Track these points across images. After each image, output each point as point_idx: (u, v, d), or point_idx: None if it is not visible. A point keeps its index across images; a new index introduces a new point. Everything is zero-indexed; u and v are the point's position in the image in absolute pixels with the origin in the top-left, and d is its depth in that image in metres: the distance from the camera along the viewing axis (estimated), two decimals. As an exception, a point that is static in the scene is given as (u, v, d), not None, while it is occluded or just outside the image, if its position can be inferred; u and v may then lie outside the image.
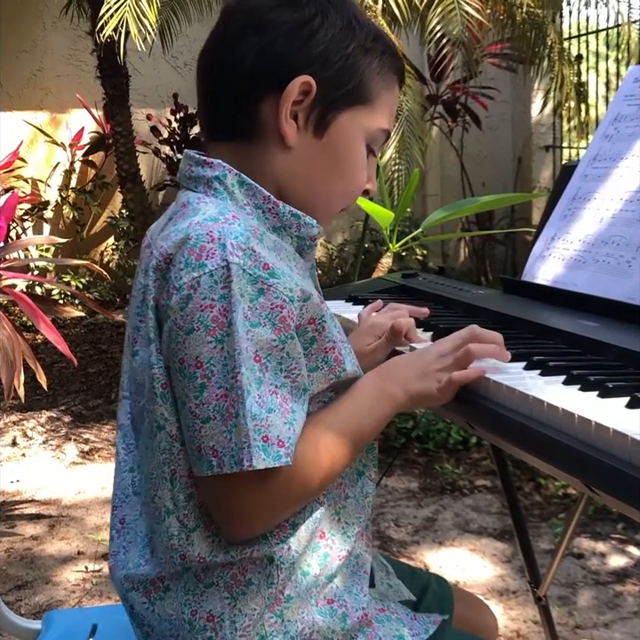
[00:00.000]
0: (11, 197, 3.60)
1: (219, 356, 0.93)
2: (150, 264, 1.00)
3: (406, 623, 1.12)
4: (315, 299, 1.02)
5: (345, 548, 1.07)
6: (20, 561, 2.82)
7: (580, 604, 2.51)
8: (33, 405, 4.21)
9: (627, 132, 1.46)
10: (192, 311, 0.94)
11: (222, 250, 0.94)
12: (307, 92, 1.04)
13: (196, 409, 0.94)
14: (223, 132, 1.08)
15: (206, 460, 0.94)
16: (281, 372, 0.96)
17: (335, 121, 1.06)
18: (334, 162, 1.08)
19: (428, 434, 3.66)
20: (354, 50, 1.06)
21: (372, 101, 1.08)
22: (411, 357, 1.12)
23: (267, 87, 1.04)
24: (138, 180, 4.87)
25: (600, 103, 5.60)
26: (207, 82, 1.09)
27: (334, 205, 1.12)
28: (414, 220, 5.55)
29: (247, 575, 1.02)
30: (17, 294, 3.07)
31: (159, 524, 1.02)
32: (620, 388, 0.97)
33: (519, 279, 1.53)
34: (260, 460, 0.92)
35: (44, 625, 1.42)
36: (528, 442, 0.97)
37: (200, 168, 1.05)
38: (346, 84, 1.05)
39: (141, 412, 1.04)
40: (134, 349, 1.04)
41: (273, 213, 1.04)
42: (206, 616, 1.02)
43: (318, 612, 1.04)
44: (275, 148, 1.05)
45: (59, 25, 5.68)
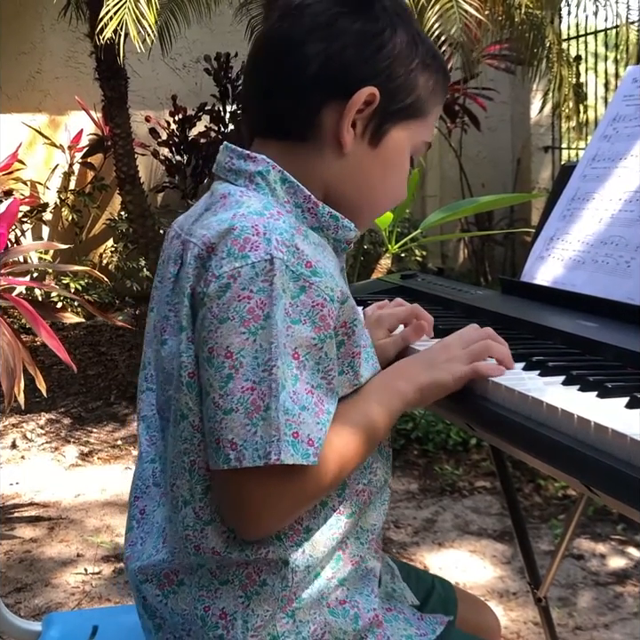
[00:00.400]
0: (12, 204, 3.60)
1: (250, 348, 0.92)
2: (189, 253, 0.99)
3: (413, 623, 1.12)
4: (351, 301, 1.02)
5: (358, 554, 1.08)
6: (20, 563, 2.82)
7: (580, 605, 2.50)
8: (32, 408, 4.21)
9: (625, 133, 1.46)
10: (229, 300, 0.93)
11: (267, 244, 0.94)
12: (369, 103, 1.05)
13: (219, 399, 0.92)
14: (276, 130, 1.08)
15: (223, 454, 0.92)
16: (318, 372, 0.96)
17: (390, 132, 1.08)
18: (383, 170, 1.10)
19: (428, 435, 3.65)
20: (416, 65, 1.08)
21: (424, 116, 1.11)
22: (417, 355, 1.13)
23: (331, 93, 1.05)
24: (137, 182, 4.86)
25: (599, 104, 5.60)
26: (265, 80, 1.08)
27: (375, 211, 1.15)
28: (413, 221, 5.55)
29: (262, 576, 1.02)
30: (16, 300, 3.07)
31: (176, 513, 1.02)
32: (620, 388, 0.97)
33: (518, 280, 1.53)
34: (288, 455, 0.91)
35: (44, 626, 1.42)
36: (527, 442, 0.97)
37: (242, 161, 1.06)
38: (405, 98, 1.08)
39: (169, 401, 1.03)
40: (163, 338, 1.04)
41: (312, 213, 1.05)
42: (219, 613, 1.02)
43: (330, 612, 1.04)
44: (329, 153, 1.07)
45: (57, 27, 5.67)
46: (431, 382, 1.07)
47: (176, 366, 1.00)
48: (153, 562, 1.05)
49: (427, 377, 1.07)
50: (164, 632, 1.06)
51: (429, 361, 1.09)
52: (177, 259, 1.04)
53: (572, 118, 4.84)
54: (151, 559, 1.06)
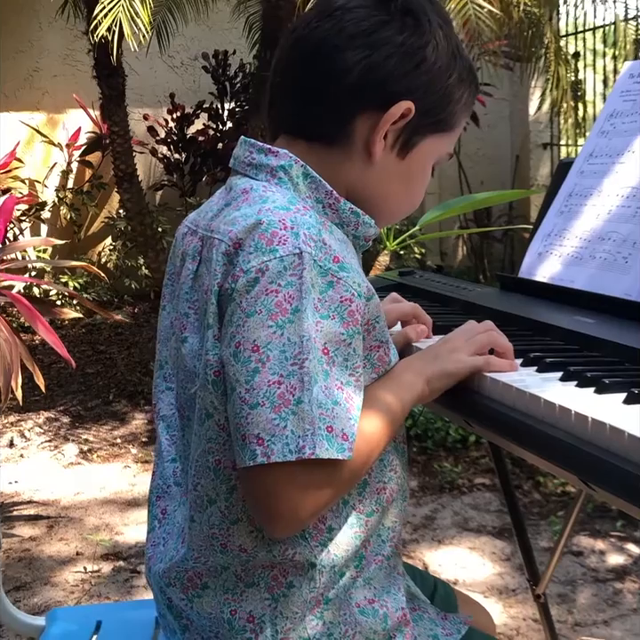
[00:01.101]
0: (8, 199, 3.59)
1: (277, 342, 0.91)
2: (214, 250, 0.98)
3: (438, 623, 1.12)
4: (376, 299, 1.02)
5: (380, 552, 1.07)
6: (19, 562, 2.82)
7: (580, 601, 2.50)
8: (31, 406, 4.21)
9: (623, 128, 1.46)
10: (257, 294, 0.92)
11: (295, 238, 0.94)
12: (404, 116, 1.05)
13: (245, 394, 0.91)
14: (306, 131, 1.07)
15: (249, 450, 0.90)
16: (347, 368, 0.95)
17: (419, 145, 1.08)
18: (408, 181, 1.11)
19: (427, 432, 3.66)
20: (453, 80, 1.07)
21: (452, 129, 1.12)
22: (422, 350, 1.13)
23: (367, 104, 1.04)
24: (135, 180, 4.86)
25: (598, 100, 5.59)
26: (301, 80, 1.07)
27: (395, 217, 1.16)
28: (412, 219, 5.53)
29: (288, 577, 1.01)
30: (15, 296, 3.06)
31: (201, 512, 1.01)
32: (617, 384, 0.97)
33: (516, 276, 1.53)
34: (323, 449, 0.89)
35: (47, 621, 1.42)
36: (525, 438, 0.97)
37: (263, 156, 1.05)
38: (439, 114, 1.08)
39: (191, 400, 1.02)
40: (183, 336, 1.03)
41: (333, 209, 1.04)
42: (246, 617, 1.01)
43: (360, 612, 1.04)
44: (357, 160, 1.06)
45: (55, 25, 5.67)
46: (437, 372, 1.07)
47: (201, 364, 0.99)
48: (175, 563, 1.04)
49: (433, 368, 1.07)
50: (192, 633, 1.05)
51: (434, 354, 1.09)
52: (195, 255, 1.03)
53: (570, 116, 4.84)
54: (173, 561, 1.05)
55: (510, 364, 1.08)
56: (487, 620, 1.39)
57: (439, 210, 2.84)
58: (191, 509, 1.02)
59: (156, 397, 1.12)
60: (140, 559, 2.81)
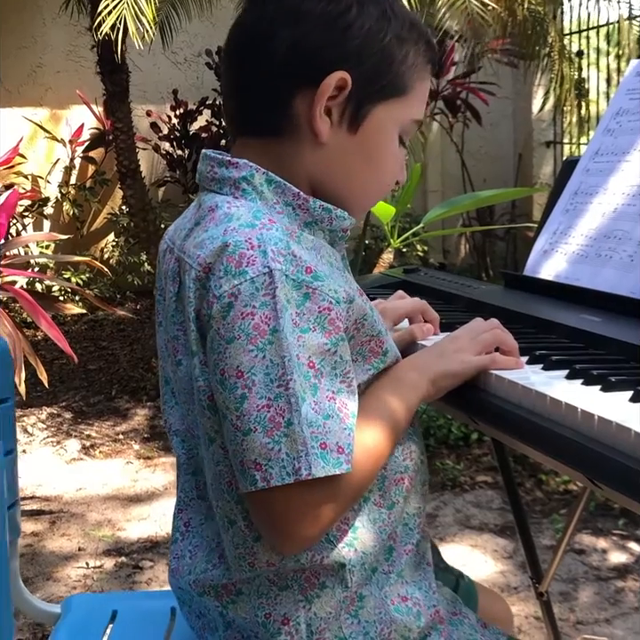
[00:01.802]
0: (11, 195, 3.60)
1: (260, 365, 0.90)
2: (186, 276, 0.97)
3: (478, 630, 1.11)
4: (358, 299, 1.00)
5: (409, 541, 1.07)
6: (21, 557, 2.82)
7: (582, 599, 2.50)
8: (33, 402, 4.21)
9: (629, 127, 1.46)
10: (233, 319, 0.91)
11: (263, 257, 0.92)
12: (342, 88, 1.01)
13: (237, 421, 0.90)
14: (253, 128, 1.05)
15: (249, 475, 0.90)
16: (336, 377, 0.94)
17: (369, 115, 1.03)
18: (368, 156, 1.06)
19: (429, 430, 3.65)
20: (390, 41, 1.02)
21: (406, 93, 1.05)
22: (427, 348, 1.12)
23: (300, 82, 1.00)
24: (138, 177, 4.86)
25: (601, 99, 5.59)
26: (236, 76, 1.05)
27: (369, 198, 1.11)
28: (415, 217, 5.54)
29: (321, 578, 1.01)
30: (17, 291, 3.07)
31: (225, 533, 1.01)
32: (623, 382, 0.97)
33: (521, 274, 1.53)
34: (319, 467, 0.89)
35: (63, 609, 1.42)
36: (531, 436, 0.97)
37: (224, 169, 1.02)
38: (381, 78, 1.03)
39: (196, 420, 1.02)
40: (177, 359, 1.02)
41: (303, 209, 1.02)
42: (281, 619, 1.01)
43: (395, 609, 1.03)
44: (307, 145, 1.03)
45: (59, 21, 5.66)
46: (443, 372, 1.06)
47: (195, 390, 0.98)
48: (210, 576, 1.04)
49: (438, 368, 1.07)
50: (233, 631, 1.05)
51: (439, 352, 1.09)
52: (175, 277, 1.02)
53: (574, 114, 4.83)
54: (207, 573, 1.04)
55: (516, 362, 1.08)
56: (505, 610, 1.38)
57: (443, 207, 2.84)
58: (221, 530, 1.03)
59: (167, 413, 1.10)
60: (142, 555, 2.81)
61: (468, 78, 5.53)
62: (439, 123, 5.98)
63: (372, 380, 1.04)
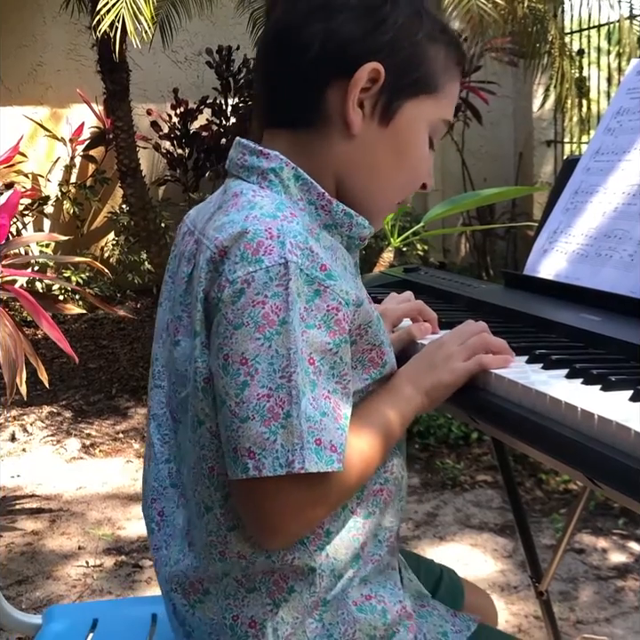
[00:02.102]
0: (13, 195, 3.59)
1: (265, 354, 0.90)
2: (201, 256, 0.97)
3: (448, 619, 1.11)
4: (366, 304, 1.00)
5: (377, 552, 1.07)
6: (21, 556, 2.82)
7: (582, 599, 2.50)
8: (33, 400, 4.21)
9: (629, 126, 1.46)
10: (243, 306, 0.91)
11: (281, 247, 0.92)
12: (375, 80, 1.02)
13: (235, 407, 0.90)
14: (284, 119, 1.05)
15: (241, 463, 0.90)
16: (333, 377, 0.94)
17: (401, 110, 1.04)
18: (397, 151, 1.06)
19: (429, 429, 3.66)
20: (422, 38, 1.04)
21: (437, 92, 1.06)
22: (416, 357, 1.12)
23: (333, 73, 1.01)
24: (138, 175, 4.86)
25: (602, 98, 5.58)
26: (270, 67, 1.06)
27: (393, 196, 1.11)
28: (415, 216, 5.54)
29: (289, 582, 1.00)
30: (18, 291, 3.07)
31: (199, 519, 1.01)
32: (623, 381, 0.97)
33: (521, 273, 1.53)
34: (312, 463, 0.89)
35: (44, 620, 1.42)
36: (531, 435, 0.96)
37: (255, 158, 1.03)
38: (413, 73, 1.04)
39: (183, 404, 1.02)
40: (176, 339, 1.02)
41: (326, 211, 1.02)
42: (248, 622, 1.01)
43: (358, 609, 1.03)
44: (338, 137, 1.03)
45: (59, 19, 5.66)
46: (435, 384, 1.07)
47: (191, 371, 0.98)
48: (181, 567, 1.04)
49: (430, 380, 1.07)
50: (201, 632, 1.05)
51: (430, 363, 1.08)
52: (190, 258, 1.02)
53: (575, 113, 4.83)
54: (179, 564, 1.04)
55: (504, 359, 1.07)
56: (490, 607, 1.39)
57: (444, 206, 2.84)
58: (193, 515, 1.02)
59: (148, 395, 1.11)
60: (141, 554, 2.81)
61: (468, 77, 5.52)
62: (439, 122, 5.96)
63: (367, 389, 1.04)
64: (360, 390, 1.03)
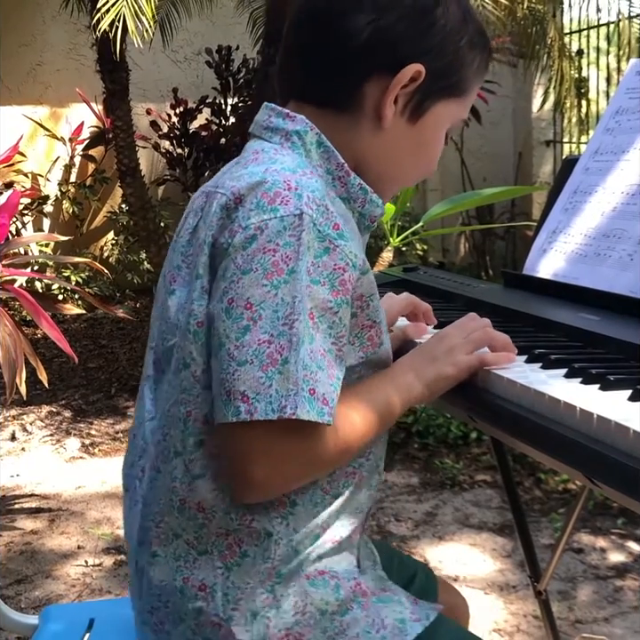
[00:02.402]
0: (13, 195, 3.59)
1: (271, 301, 0.91)
2: (214, 202, 0.98)
3: (408, 606, 1.09)
4: (371, 275, 1.01)
5: (339, 534, 1.06)
6: (20, 555, 2.82)
7: (581, 598, 2.51)
8: (33, 400, 4.21)
9: (628, 126, 1.46)
10: (254, 252, 0.92)
11: (298, 199, 0.93)
12: (414, 79, 1.04)
13: (234, 350, 0.91)
14: (315, 96, 1.06)
15: (233, 406, 0.90)
16: (330, 336, 0.94)
17: (431, 109, 1.07)
18: (419, 148, 1.10)
19: (429, 429, 3.66)
20: (464, 44, 1.06)
21: (465, 94, 1.09)
22: (419, 348, 1.12)
23: (377, 67, 1.03)
24: (138, 175, 4.86)
25: (601, 98, 5.59)
26: (311, 43, 1.06)
27: (404, 184, 1.15)
28: (414, 215, 5.55)
29: (243, 547, 1.00)
30: (17, 291, 3.07)
31: (166, 463, 1.00)
32: (622, 381, 0.97)
33: (520, 273, 1.53)
34: (304, 410, 0.89)
35: (41, 620, 1.42)
36: (529, 434, 0.97)
37: (281, 120, 1.04)
38: (450, 77, 1.07)
39: (169, 352, 1.02)
40: (172, 288, 1.03)
41: (342, 182, 1.04)
42: (198, 585, 1.00)
43: (310, 583, 1.02)
44: (367, 126, 1.05)
45: (58, 19, 5.67)
46: (436, 376, 1.07)
47: (184, 315, 0.99)
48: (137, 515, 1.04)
49: (432, 371, 1.07)
50: (143, 602, 1.05)
51: (432, 354, 1.09)
52: (198, 211, 1.03)
53: (574, 113, 4.83)
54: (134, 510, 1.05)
55: (507, 358, 1.08)
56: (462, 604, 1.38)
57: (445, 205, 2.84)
58: (157, 460, 1.02)
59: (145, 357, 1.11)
60: (141, 553, 2.81)
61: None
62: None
63: (360, 367, 1.04)
64: (353, 367, 1.03)
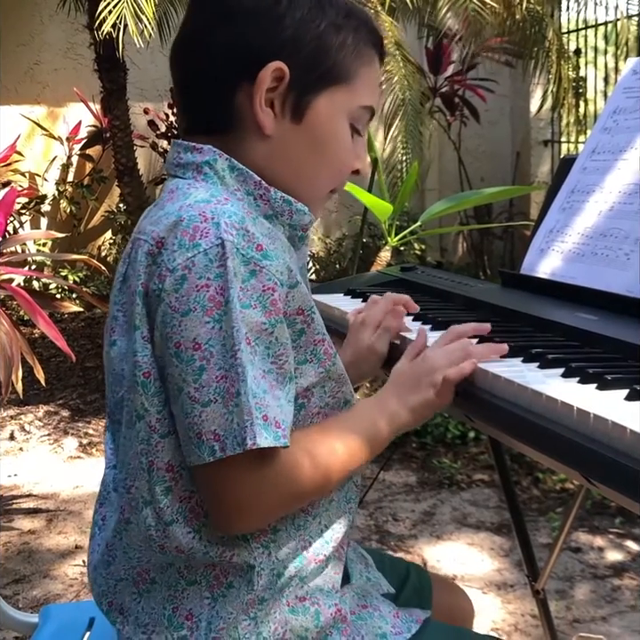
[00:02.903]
0: (9, 192, 3.59)
1: (217, 336, 0.91)
2: (139, 250, 0.97)
3: (389, 621, 1.10)
4: (302, 287, 1.00)
5: (322, 553, 1.06)
6: (18, 555, 2.82)
7: (578, 597, 2.51)
8: (30, 399, 4.21)
9: (625, 125, 1.46)
10: (188, 292, 0.92)
11: (216, 228, 0.93)
12: (280, 78, 1.02)
13: (195, 393, 0.91)
14: (199, 125, 1.06)
15: (208, 446, 0.91)
16: (268, 356, 0.94)
17: (312, 104, 1.04)
18: (315, 145, 1.06)
19: (426, 428, 3.66)
20: (325, 29, 1.03)
21: (349, 80, 1.05)
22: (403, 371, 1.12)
23: (240, 77, 1.02)
24: (135, 174, 4.85)
25: (599, 97, 5.59)
26: (181, 76, 1.07)
27: (320, 189, 1.10)
28: (412, 215, 5.54)
29: (229, 578, 1.01)
30: (15, 289, 3.06)
31: (137, 514, 1.00)
32: (619, 380, 0.97)
33: (518, 272, 1.53)
34: (262, 438, 0.90)
35: (41, 619, 1.42)
36: (527, 434, 0.97)
37: (189, 154, 1.04)
38: (320, 66, 1.03)
39: (119, 403, 1.02)
40: (112, 339, 1.02)
41: (264, 200, 1.02)
42: (185, 614, 1.01)
43: (290, 611, 1.02)
44: (254, 138, 1.04)
45: (56, 18, 5.66)
46: (421, 402, 1.08)
47: (129, 367, 0.98)
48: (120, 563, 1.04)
49: (415, 398, 1.08)
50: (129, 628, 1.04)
51: (414, 379, 1.09)
52: (125, 257, 1.02)
53: (572, 113, 4.83)
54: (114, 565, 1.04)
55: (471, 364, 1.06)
56: (465, 602, 1.38)
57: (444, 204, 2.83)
58: (126, 512, 1.02)
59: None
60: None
61: (466, 74, 5.53)
62: (437, 121, 5.97)
63: (322, 383, 1.05)
64: (315, 383, 1.04)
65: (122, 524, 1.03)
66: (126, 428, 1.00)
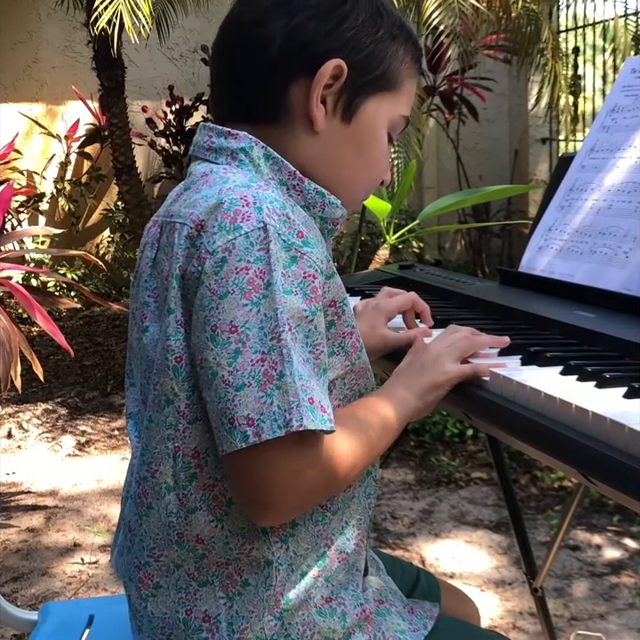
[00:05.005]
0: (6, 189, 3.59)
1: (255, 320, 0.89)
2: (175, 233, 0.96)
3: (405, 617, 1.10)
4: (338, 279, 1.00)
5: (344, 550, 1.05)
6: (17, 553, 2.82)
7: (576, 595, 2.51)
8: (29, 397, 4.21)
9: (624, 123, 1.46)
10: (227, 274, 0.90)
11: (258, 212, 0.92)
12: (337, 77, 1.02)
13: (229, 377, 0.89)
14: (247, 114, 1.05)
15: (240, 432, 0.88)
16: (307, 345, 0.93)
17: (363, 106, 1.05)
18: (359, 148, 1.07)
19: (425, 426, 3.66)
20: (382, 35, 1.05)
21: (396, 88, 1.07)
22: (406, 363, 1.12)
23: (297, 70, 1.02)
24: (133, 172, 4.86)
25: (597, 96, 5.59)
26: (232, 64, 1.05)
27: (357, 193, 1.11)
28: (410, 213, 5.55)
29: (244, 575, 0.99)
30: (13, 286, 3.06)
31: (159, 499, 0.99)
32: (618, 378, 0.97)
33: (516, 270, 1.53)
34: (309, 420, 0.88)
35: (40, 616, 1.42)
36: (525, 432, 0.97)
37: (223, 139, 1.03)
38: (374, 70, 1.05)
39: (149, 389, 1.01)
40: (144, 325, 1.01)
41: (297, 191, 1.02)
42: (202, 616, 1.00)
43: (317, 612, 1.02)
44: (301, 132, 1.04)
45: (54, 16, 5.66)
46: (427, 385, 1.08)
47: (161, 351, 0.97)
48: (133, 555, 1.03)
49: (422, 381, 1.08)
50: (143, 635, 1.04)
51: (419, 367, 1.09)
52: (154, 242, 1.01)
53: (569, 111, 4.83)
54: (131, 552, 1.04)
55: (495, 362, 1.08)
56: (471, 609, 1.38)
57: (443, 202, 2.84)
58: (149, 497, 1.00)
59: (127, 397, 1.10)
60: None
61: (463, 74, 5.53)
62: (435, 119, 5.98)
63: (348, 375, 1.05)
64: (341, 376, 1.04)
65: (143, 508, 1.02)
66: (155, 412, 0.99)
